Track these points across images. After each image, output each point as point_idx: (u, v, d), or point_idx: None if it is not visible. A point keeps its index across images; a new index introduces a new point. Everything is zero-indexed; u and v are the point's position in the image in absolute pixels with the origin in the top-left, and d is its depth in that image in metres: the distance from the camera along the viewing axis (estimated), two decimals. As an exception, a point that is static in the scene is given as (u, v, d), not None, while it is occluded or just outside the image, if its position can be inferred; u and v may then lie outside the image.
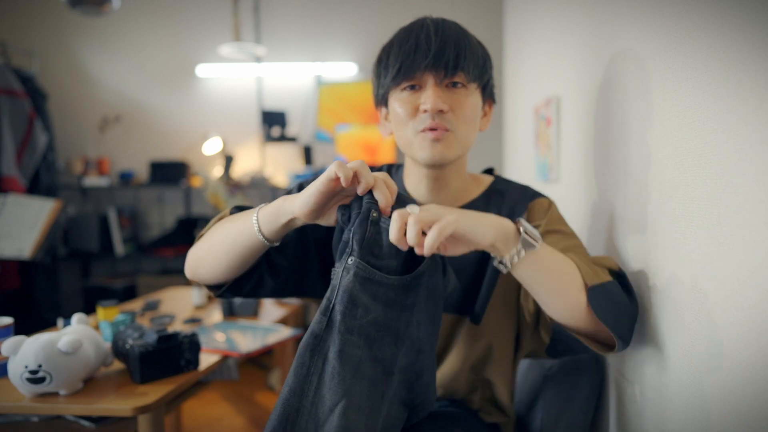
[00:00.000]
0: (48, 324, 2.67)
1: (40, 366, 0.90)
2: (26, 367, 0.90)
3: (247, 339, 1.29)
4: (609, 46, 0.95)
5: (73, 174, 3.13)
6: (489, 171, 0.94)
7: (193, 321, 1.47)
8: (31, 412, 0.95)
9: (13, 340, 0.93)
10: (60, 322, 1.37)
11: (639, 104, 0.82)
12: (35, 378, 0.90)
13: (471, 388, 0.87)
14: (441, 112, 0.75)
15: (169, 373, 1.02)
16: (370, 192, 0.62)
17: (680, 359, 0.68)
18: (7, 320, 1.04)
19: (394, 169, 0.93)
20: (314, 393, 0.61)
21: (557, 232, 0.79)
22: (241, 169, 3.19)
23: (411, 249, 0.61)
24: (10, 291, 2.63)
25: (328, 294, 0.63)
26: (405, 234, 0.59)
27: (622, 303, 0.70)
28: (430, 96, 0.74)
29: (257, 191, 3.14)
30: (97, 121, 3.24)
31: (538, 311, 0.81)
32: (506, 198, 0.85)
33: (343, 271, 0.62)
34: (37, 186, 2.71)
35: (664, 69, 0.72)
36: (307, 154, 3.02)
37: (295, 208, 0.65)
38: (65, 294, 3.05)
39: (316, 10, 3.17)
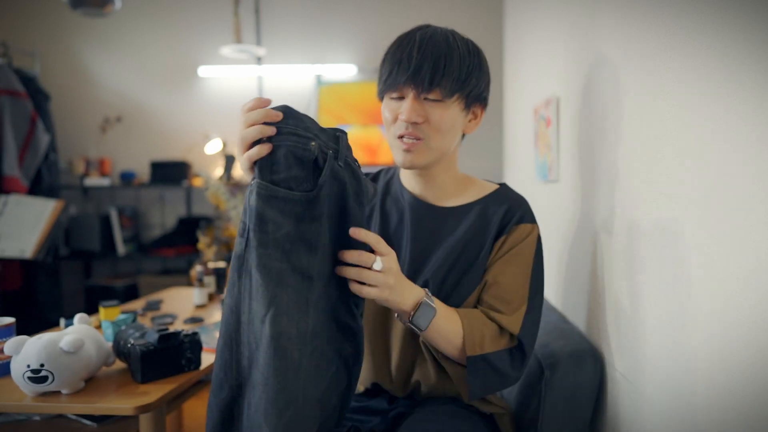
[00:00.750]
0: (50, 324, 2.67)
1: (42, 365, 0.90)
2: (28, 366, 0.90)
3: (248, 339, 1.29)
4: (608, 47, 0.95)
5: (74, 174, 3.13)
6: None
7: (194, 320, 1.48)
8: (33, 411, 0.95)
9: (15, 340, 0.93)
10: (62, 322, 1.37)
11: (638, 104, 0.82)
12: (37, 377, 0.90)
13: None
14: (415, 123, 0.83)
15: (171, 372, 1.03)
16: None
17: (679, 359, 0.69)
18: (9, 320, 1.05)
19: (383, 173, 1.01)
20: (248, 309, 0.67)
21: (513, 264, 0.87)
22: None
23: (314, 160, 0.70)
24: (12, 291, 2.64)
25: (242, 217, 0.68)
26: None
27: (493, 375, 0.81)
28: (407, 108, 0.82)
29: (258, 191, 3.14)
30: (98, 122, 3.25)
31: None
32: (504, 205, 0.90)
33: (248, 194, 0.68)
34: (38, 186, 2.72)
35: (664, 69, 0.72)
36: (308, 154, 3.03)
37: None
38: (67, 294, 3.06)
39: (316, 11, 3.18)
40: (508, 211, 0.89)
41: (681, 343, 0.68)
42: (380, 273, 0.72)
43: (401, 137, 0.84)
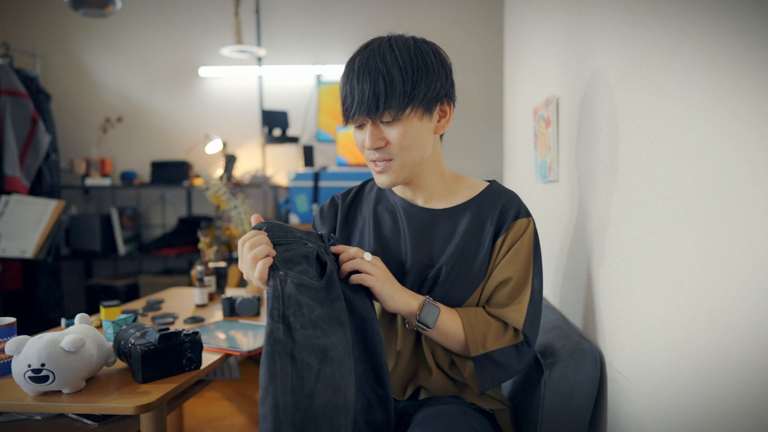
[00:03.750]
0: (51, 323, 2.68)
1: (43, 365, 0.90)
2: (29, 365, 0.91)
3: (248, 338, 1.30)
4: (608, 47, 0.96)
5: (75, 174, 3.14)
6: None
7: (195, 320, 1.48)
8: (34, 410, 0.95)
9: (16, 340, 0.94)
10: (63, 321, 1.38)
11: (638, 104, 0.82)
12: (38, 377, 0.91)
13: (456, 381, 0.92)
14: (379, 148, 0.85)
15: (171, 372, 1.03)
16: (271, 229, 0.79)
17: (678, 359, 0.69)
18: (10, 320, 1.05)
19: (370, 183, 1.03)
20: (299, 389, 0.71)
21: (515, 260, 0.90)
22: (242, 169, 3.20)
23: (317, 256, 0.80)
24: (13, 291, 2.65)
25: (273, 305, 0.73)
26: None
27: (500, 371, 0.87)
28: (367, 137, 0.85)
29: (258, 191, 3.15)
30: (99, 122, 3.26)
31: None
32: (498, 202, 0.92)
33: (280, 283, 0.75)
34: (39, 186, 2.73)
35: (664, 69, 0.72)
36: (308, 155, 3.03)
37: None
38: (68, 293, 3.06)
39: (316, 11, 3.18)
40: (502, 209, 0.91)
41: (680, 342, 0.69)
42: (371, 263, 0.82)
43: (373, 161, 0.87)
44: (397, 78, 0.81)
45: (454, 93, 0.90)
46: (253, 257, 0.75)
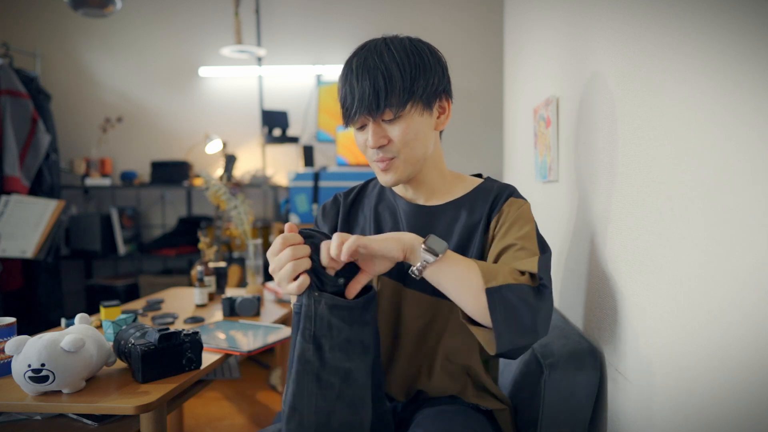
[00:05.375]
0: (50, 324, 2.68)
1: (43, 365, 0.90)
2: (29, 365, 0.91)
3: (248, 338, 1.30)
4: (608, 47, 0.96)
5: (75, 174, 3.14)
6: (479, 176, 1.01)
7: (195, 320, 1.48)
8: (34, 410, 0.95)
9: (16, 340, 0.94)
10: (63, 321, 1.38)
11: (638, 104, 0.82)
12: (38, 377, 0.91)
13: (457, 380, 0.92)
14: (382, 146, 0.85)
15: (171, 372, 1.03)
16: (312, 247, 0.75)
17: (678, 359, 0.69)
18: (10, 320, 1.05)
19: (372, 183, 1.03)
20: (323, 407, 0.72)
21: (515, 229, 0.86)
22: (242, 169, 3.20)
23: (341, 270, 0.75)
24: (13, 291, 2.64)
25: (305, 324, 0.72)
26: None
27: (517, 306, 0.75)
28: (370, 136, 0.85)
29: (258, 191, 3.15)
30: (99, 122, 3.25)
31: None
32: (491, 194, 0.92)
33: (314, 303, 0.73)
34: (39, 186, 2.73)
35: (664, 69, 0.72)
36: (308, 155, 3.03)
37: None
38: (67, 294, 3.06)
39: (316, 11, 3.18)
40: (495, 196, 0.91)
41: (680, 342, 0.69)
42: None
43: (379, 160, 0.87)
44: (396, 74, 0.82)
45: (451, 89, 0.91)
46: (294, 268, 0.71)
